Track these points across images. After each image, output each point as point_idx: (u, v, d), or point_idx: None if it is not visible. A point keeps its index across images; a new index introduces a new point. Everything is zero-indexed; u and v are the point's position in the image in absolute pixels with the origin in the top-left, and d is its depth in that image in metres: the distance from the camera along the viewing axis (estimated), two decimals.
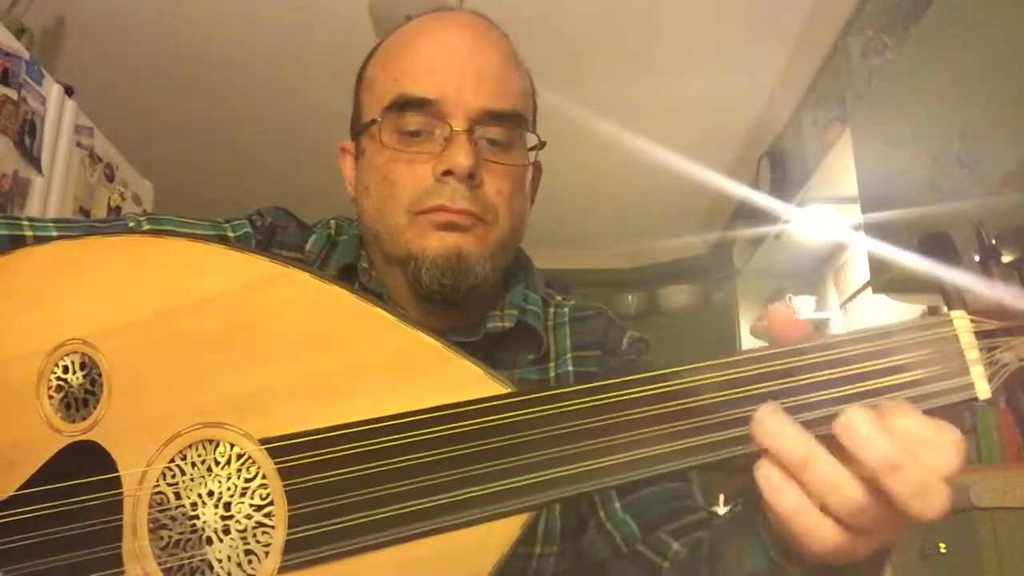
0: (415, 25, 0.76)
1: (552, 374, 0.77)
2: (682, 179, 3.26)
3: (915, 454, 0.41)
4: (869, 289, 2.48)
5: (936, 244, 0.50)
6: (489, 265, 0.71)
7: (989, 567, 1.54)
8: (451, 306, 0.72)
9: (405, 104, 0.70)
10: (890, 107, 2.08)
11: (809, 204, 2.84)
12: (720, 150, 3.32)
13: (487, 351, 0.75)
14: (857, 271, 2.96)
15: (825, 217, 2.88)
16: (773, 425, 0.43)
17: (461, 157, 0.68)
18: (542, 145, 0.76)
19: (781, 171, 3.09)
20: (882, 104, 2.14)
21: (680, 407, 0.46)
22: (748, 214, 3.43)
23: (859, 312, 2.95)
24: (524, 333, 0.76)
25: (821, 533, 0.43)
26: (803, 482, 0.42)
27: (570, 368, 0.77)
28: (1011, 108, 1.56)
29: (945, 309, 0.47)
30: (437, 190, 0.69)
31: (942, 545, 1.68)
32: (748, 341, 3.57)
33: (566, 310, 0.82)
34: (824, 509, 0.42)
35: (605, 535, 0.72)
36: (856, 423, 0.42)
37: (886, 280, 2.09)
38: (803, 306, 3.27)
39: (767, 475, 0.43)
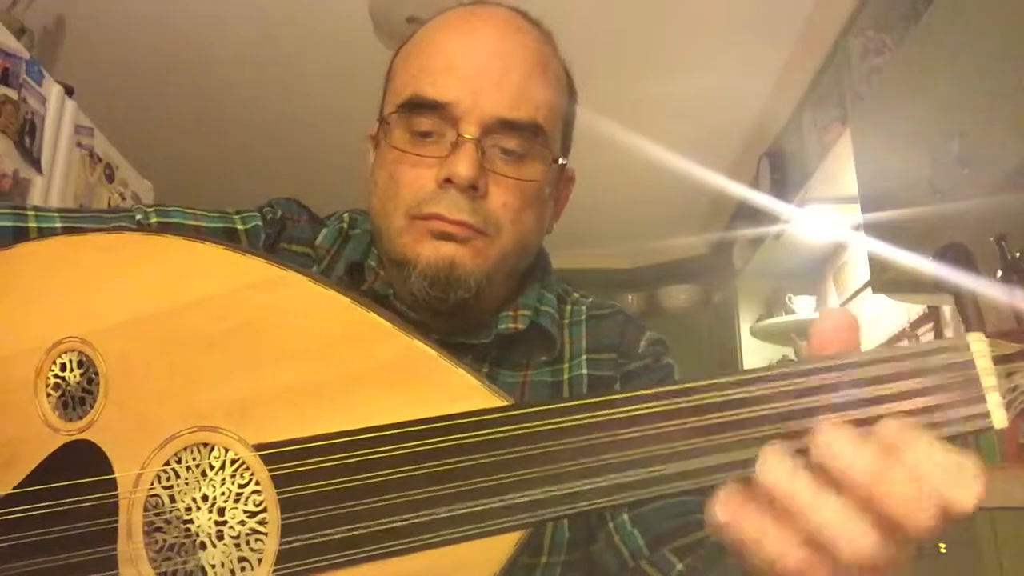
0: (443, 18, 0.72)
1: (565, 376, 0.75)
2: (682, 179, 3.26)
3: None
4: (869, 289, 2.48)
5: (954, 258, 0.47)
6: (485, 280, 0.68)
7: (989, 567, 1.54)
8: (450, 314, 0.70)
9: (418, 104, 0.68)
10: (890, 107, 2.08)
11: (809, 204, 2.84)
12: (720, 150, 3.32)
13: (500, 352, 0.73)
14: (857, 271, 2.96)
15: (825, 217, 2.88)
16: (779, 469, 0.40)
17: (462, 167, 0.65)
18: (557, 163, 0.72)
19: (781, 171, 3.09)
20: (882, 104, 2.13)
21: (683, 427, 0.44)
22: (748, 214, 3.43)
23: (859, 312, 2.94)
24: (538, 334, 0.74)
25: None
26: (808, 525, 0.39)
27: (584, 371, 0.75)
28: (1011, 108, 1.56)
29: (947, 313, 0.46)
30: (436, 197, 0.67)
31: (942, 545, 1.68)
32: (748, 341, 3.57)
33: (583, 308, 0.80)
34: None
35: (613, 548, 0.70)
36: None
37: (886, 280, 2.09)
38: (803, 306, 3.27)
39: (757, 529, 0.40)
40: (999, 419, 0.42)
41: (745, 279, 3.63)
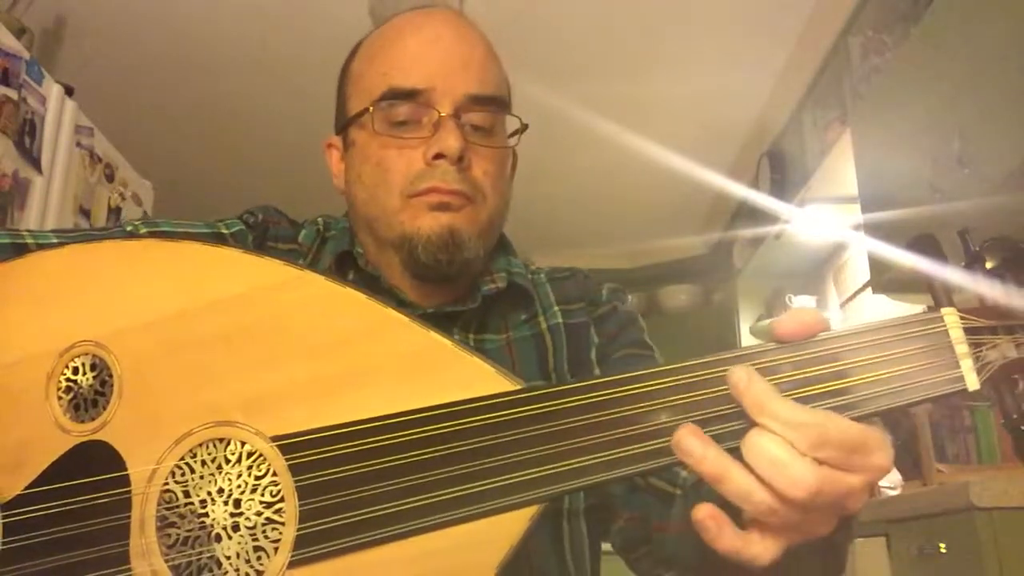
0: (398, 22, 0.79)
1: (544, 326, 0.81)
2: (682, 179, 3.26)
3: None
4: (869, 289, 2.49)
5: (924, 247, 0.53)
6: (480, 242, 0.75)
7: (989, 567, 1.54)
8: (445, 283, 0.76)
9: (395, 96, 0.74)
10: (890, 107, 2.08)
11: (809, 204, 2.84)
12: (720, 150, 3.32)
13: (481, 319, 0.79)
14: (857, 271, 2.96)
15: (825, 217, 2.88)
16: (689, 446, 0.46)
17: (451, 140, 0.72)
18: (524, 127, 0.79)
19: (781, 171, 3.09)
20: (882, 104, 2.14)
21: (687, 400, 0.48)
22: (748, 214, 3.43)
23: (859, 312, 2.95)
24: (514, 295, 0.80)
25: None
26: (723, 492, 0.45)
27: (560, 320, 0.81)
28: (1011, 108, 1.56)
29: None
30: (429, 173, 0.73)
31: (942, 545, 1.68)
32: (748, 341, 3.57)
33: (543, 275, 0.86)
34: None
35: None
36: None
37: (886, 280, 2.10)
38: (803, 306, 3.27)
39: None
40: (972, 382, 0.47)
41: (745, 279, 3.63)
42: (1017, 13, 1.57)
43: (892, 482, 2.09)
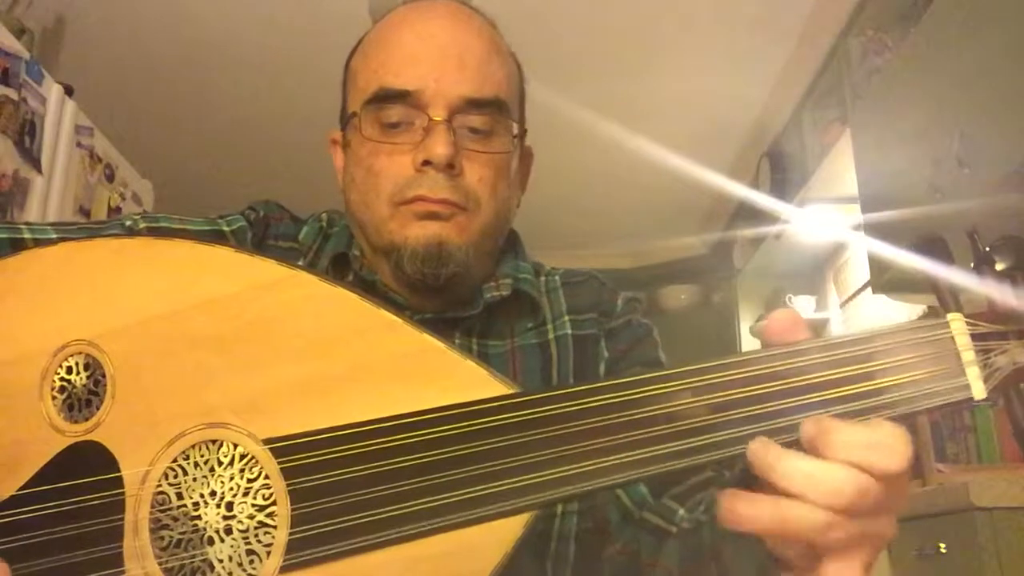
0: (395, 15, 0.76)
1: (551, 336, 0.77)
2: (682, 179, 3.26)
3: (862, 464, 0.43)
4: (869, 289, 2.48)
5: (931, 248, 0.51)
6: (472, 252, 0.71)
7: (989, 567, 1.54)
8: (438, 291, 0.73)
9: (385, 97, 0.71)
10: (890, 107, 2.08)
11: (809, 204, 2.84)
12: (720, 150, 3.32)
13: (484, 324, 0.76)
14: (857, 271, 2.96)
15: (825, 217, 2.88)
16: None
17: (439, 147, 0.69)
18: (524, 132, 0.76)
19: (781, 171, 3.09)
20: (882, 104, 2.14)
21: (683, 408, 0.46)
22: (748, 214, 3.43)
23: (859, 312, 2.94)
24: (520, 301, 0.77)
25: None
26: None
27: (568, 331, 0.78)
28: (1011, 108, 1.56)
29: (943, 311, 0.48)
30: (417, 180, 0.70)
31: (942, 545, 1.68)
32: (748, 341, 3.57)
33: (557, 278, 0.83)
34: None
35: (614, 500, 0.72)
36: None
37: (886, 280, 2.09)
38: (803, 306, 3.27)
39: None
40: (979, 391, 0.46)
41: (745, 279, 3.63)
42: (1017, 13, 1.57)
43: None
